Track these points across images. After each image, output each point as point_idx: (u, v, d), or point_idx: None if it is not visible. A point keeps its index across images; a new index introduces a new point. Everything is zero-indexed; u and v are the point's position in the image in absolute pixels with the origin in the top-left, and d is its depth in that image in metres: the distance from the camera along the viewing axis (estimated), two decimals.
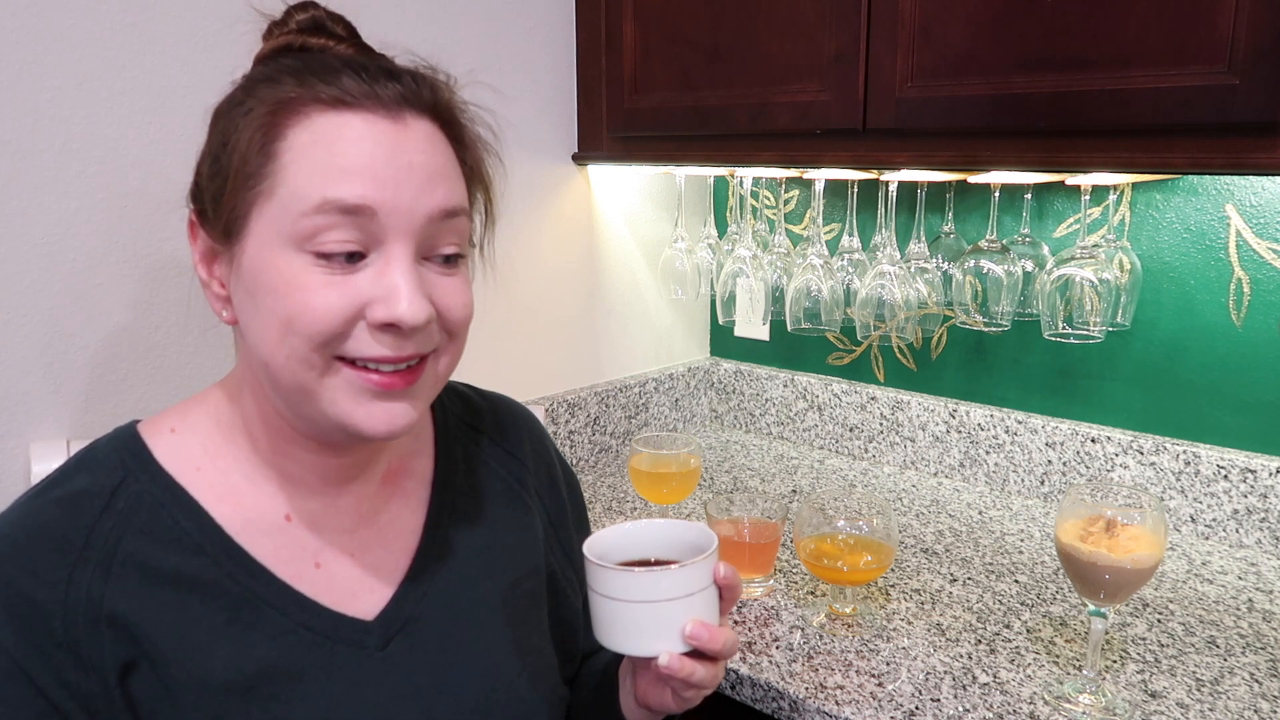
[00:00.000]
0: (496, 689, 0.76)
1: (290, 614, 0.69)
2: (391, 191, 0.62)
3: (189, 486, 0.69)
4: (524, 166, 1.55)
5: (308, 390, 0.64)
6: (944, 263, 1.50)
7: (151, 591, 0.65)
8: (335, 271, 0.62)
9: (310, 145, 0.61)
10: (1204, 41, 0.98)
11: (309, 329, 0.62)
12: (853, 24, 1.24)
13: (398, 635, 0.72)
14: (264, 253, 0.62)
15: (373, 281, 0.62)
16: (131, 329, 1.11)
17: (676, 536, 0.77)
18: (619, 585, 0.70)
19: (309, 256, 0.62)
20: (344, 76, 0.63)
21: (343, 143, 0.62)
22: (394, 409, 0.65)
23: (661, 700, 0.76)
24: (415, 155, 0.63)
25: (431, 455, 0.81)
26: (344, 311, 0.62)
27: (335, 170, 0.61)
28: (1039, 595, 1.21)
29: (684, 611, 0.70)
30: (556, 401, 1.63)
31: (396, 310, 0.62)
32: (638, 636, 0.70)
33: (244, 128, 0.63)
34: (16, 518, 0.65)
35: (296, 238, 0.61)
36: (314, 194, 0.61)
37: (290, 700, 0.67)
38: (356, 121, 0.62)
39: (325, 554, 0.72)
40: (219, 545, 0.68)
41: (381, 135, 0.62)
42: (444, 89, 0.68)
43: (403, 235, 0.63)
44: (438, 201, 0.64)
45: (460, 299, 0.67)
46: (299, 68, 0.64)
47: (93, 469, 0.68)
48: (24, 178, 1.02)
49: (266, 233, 0.62)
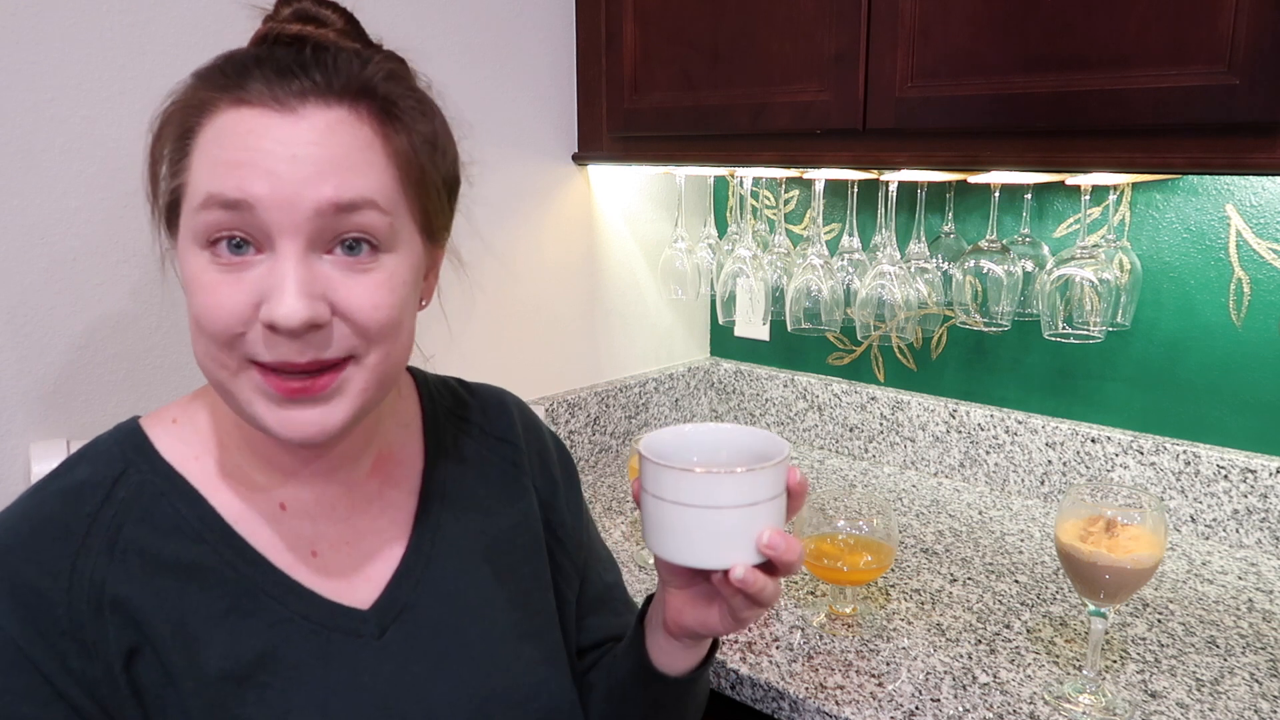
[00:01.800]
0: (495, 674, 0.75)
1: (287, 603, 0.69)
2: (271, 185, 0.59)
3: (189, 476, 0.69)
4: (524, 166, 1.55)
5: (225, 390, 0.64)
6: (944, 263, 1.50)
7: (152, 579, 0.65)
8: (229, 269, 0.61)
9: (208, 143, 0.61)
10: (1204, 41, 0.98)
11: (209, 327, 0.61)
12: (853, 24, 1.24)
13: (394, 623, 0.72)
14: (182, 253, 0.63)
15: (263, 279, 0.60)
16: (132, 328, 1.11)
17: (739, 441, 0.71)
18: (692, 488, 0.63)
19: (207, 254, 0.61)
20: (252, 74, 0.61)
21: (232, 138, 0.60)
22: (307, 416, 0.63)
23: (705, 621, 0.71)
24: (303, 147, 0.60)
25: (420, 442, 0.81)
26: (236, 309, 0.60)
27: (221, 165, 0.60)
28: (1039, 595, 1.21)
29: (762, 518, 0.64)
30: (556, 401, 1.63)
31: (275, 311, 0.59)
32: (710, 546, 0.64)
33: (169, 125, 0.64)
34: (20, 510, 0.66)
35: (195, 235, 0.61)
36: (202, 189, 0.61)
37: (287, 689, 0.67)
38: (250, 117, 0.60)
39: (321, 543, 0.72)
40: (218, 533, 0.68)
41: (270, 128, 0.60)
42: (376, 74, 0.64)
43: (290, 230, 0.60)
44: (326, 194, 0.60)
45: (369, 299, 0.62)
46: (221, 66, 0.63)
47: (94, 460, 0.68)
48: (24, 177, 1.02)
49: (183, 232, 0.63)
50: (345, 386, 0.64)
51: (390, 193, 0.64)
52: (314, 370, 0.62)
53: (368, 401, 0.66)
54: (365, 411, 0.66)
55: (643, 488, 0.67)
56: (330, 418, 0.63)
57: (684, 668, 0.78)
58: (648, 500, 0.66)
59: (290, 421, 0.62)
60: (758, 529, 0.64)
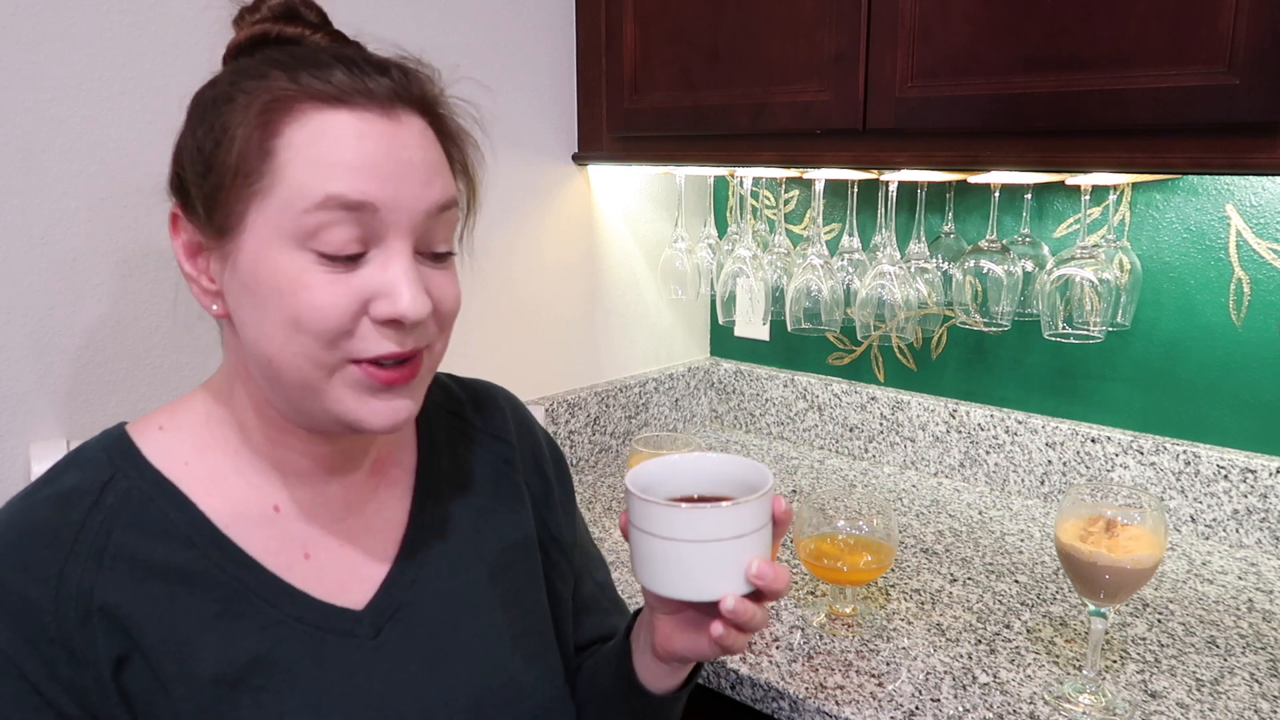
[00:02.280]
0: (490, 672, 0.75)
1: (279, 605, 0.69)
2: (393, 188, 0.63)
3: (178, 481, 0.69)
4: (524, 166, 1.55)
5: (313, 387, 0.64)
6: (944, 263, 1.50)
7: (142, 584, 0.65)
8: (338, 269, 0.62)
9: (309, 142, 0.62)
10: (1204, 41, 0.98)
11: (317, 327, 0.62)
12: (853, 24, 1.24)
13: (389, 623, 0.72)
14: (265, 251, 0.62)
15: (374, 277, 0.63)
16: (132, 329, 1.11)
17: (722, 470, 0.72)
18: (681, 524, 0.64)
19: (311, 254, 0.62)
20: (336, 71, 0.63)
21: (342, 139, 0.62)
22: (396, 404, 0.66)
23: (693, 647, 0.72)
24: (413, 151, 0.64)
25: (414, 442, 0.81)
26: (349, 308, 0.62)
27: (337, 167, 0.61)
28: (1039, 595, 1.21)
29: (749, 550, 0.65)
30: (556, 401, 1.63)
31: (400, 305, 0.63)
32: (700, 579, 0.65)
33: (238, 124, 0.62)
34: (8, 518, 0.66)
35: (298, 235, 0.62)
36: (316, 190, 0.61)
37: (281, 691, 0.67)
38: (352, 118, 0.62)
39: (314, 545, 0.72)
40: (208, 537, 0.68)
41: (379, 131, 0.63)
42: (430, 83, 0.68)
43: (403, 231, 0.64)
44: (435, 196, 0.65)
45: (451, 291, 0.69)
46: (288, 62, 0.64)
47: (82, 467, 0.68)
48: (24, 177, 1.02)
49: (266, 230, 0.62)
50: (423, 374, 0.68)
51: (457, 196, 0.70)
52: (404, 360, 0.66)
53: (426, 389, 0.71)
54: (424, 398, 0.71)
55: (630, 523, 0.68)
56: (412, 405, 0.68)
57: (669, 686, 0.79)
58: (636, 535, 0.68)
59: (382, 410, 0.65)
60: (746, 560, 0.66)
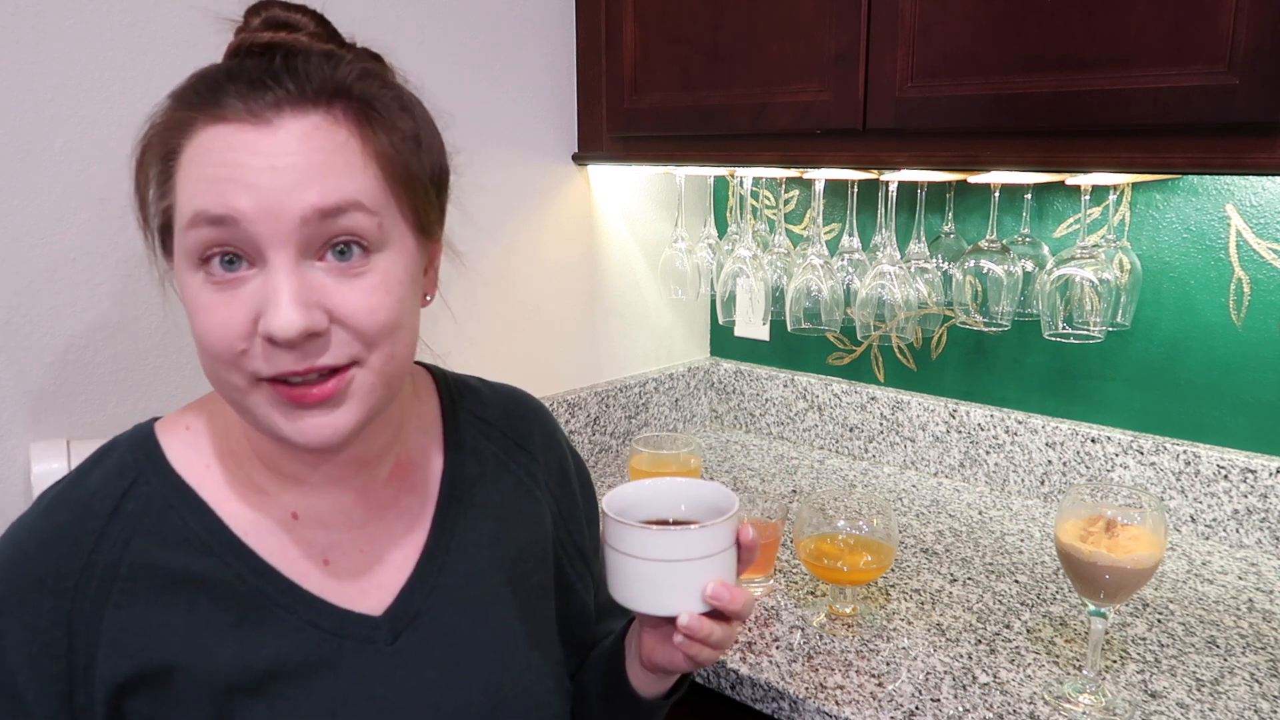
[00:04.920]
0: (506, 681, 0.76)
1: (298, 612, 0.69)
2: (253, 198, 0.59)
3: (200, 486, 0.69)
4: (524, 166, 1.55)
5: (240, 405, 0.64)
6: (944, 263, 1.50)
7: (160, 594, 0.66)
8: (224, 287, 0.61)
9: (189, 163, 0.61)
10: (1204, 41, 0.98)
11: (213, 348, 0.61)
12: (853, 24, 1.24)
13: (406, 630, 0.72)
14: (179, 274, 0.64)
15: (257, 294, 0.60)
16: (132, 329, 1.11)
17: (696, 495, 0.77)
18: (641, 543, 0.69)
19: (201, 274, 0.61)
20: (225, 89, 0.61)
21: (211, 154, 0.60)
22: (322, 422, 0.63)
23: (671, 659, 0.75)
24: (283, 158, 0.60)
25: (440, 449, 0.81)
26: (235, 327, 0.60)
27: (203, 183, 0.60)
28: (1039, 595, 1.21)
29: (706, 571, 0.69)
30: (556, 401, 1.63)
31: (271, 323, 0.59)
32: (658, 595, 0.70)
33: (149, 149, 0.64)
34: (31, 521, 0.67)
35: (188, 255, 0.61)
36: (187, 208, 0.61)
37: (298, 697, 0.67)
38: (227, 132, 0.60)
39: (333, 551, 0.72)
40: (227, 545, 0.68)
41: (247, 143, 0.60)
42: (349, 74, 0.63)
43: (278, 241, 0.60)
44: (310, 200, 0.60)
45: (365, 303, 0.62)
46: (196, 84, 0.63)
47: (106, 469, 0.69)
48: (24, 177, 1.02)
49: (177, 254, 0.63)
50: (352, 390, 0.63)
51: (375, 193, 0.63)
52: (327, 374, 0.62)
53: (376, 403, 0.66)
54: (375, 413, 0.66)
55: (604, 540, 0.72)
56: (341, 421, 0.63)
57: (656, 692, 0.82)
58: (607, 551, 0.72)
59: (305, 429, 0.62)
60: (703, 581, 0.69)
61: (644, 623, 0.78)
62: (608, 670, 0.83)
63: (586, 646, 0.88)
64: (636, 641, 0.80)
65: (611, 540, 0.71)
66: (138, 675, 0.64)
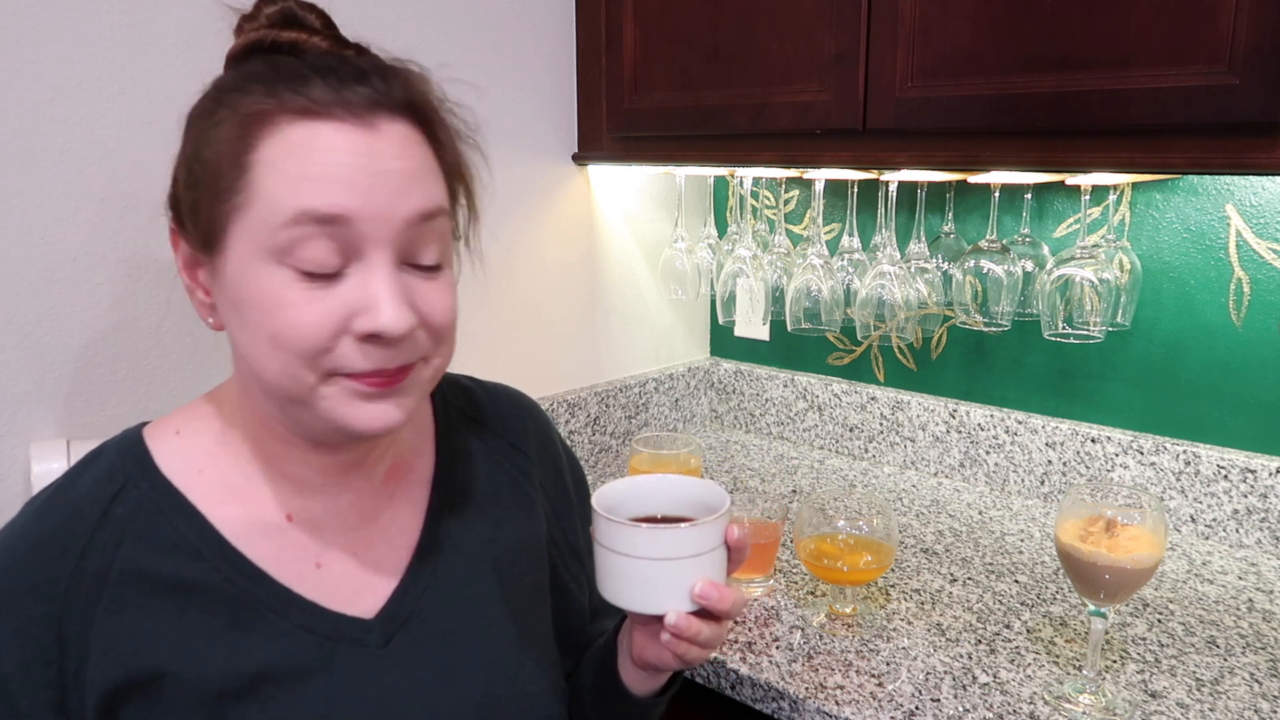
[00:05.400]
0: (500, 682, 0.76)
1: (289, 616, 0.69)
2: (365, 199, 0.61)
3: (189, 490, 0.69)
4: (524, 166, 1.55)
5: (301, 399, 0.64)
6: (944, 263, 1.50)
7: (150, 599, 0.65)
8: (317, 285, 0.61)
9: (282, 158, 0.61)
10: (1204, 41, 0.98)
11: (297, 345, 0.61)
12: (853, 24, 1.24)
13: (399, 631, 0.72)
14: (245, 267, 0.62)
15: (355, 292, 0.62)
16: (132, 329, 1.11)
17: (687, 493, 0.76)
18: (629, 541, 0.68)
19: (290, 270, 0.61)
20: (313, 84, 0.61)
21: (314, 152, 0.60)
22: (385, 408, 0.65)
23: (661, 658, 0.75)
24: (390, 161, 0.62)
25: (432, 450, 0.81)
26: (329, 326, 0.61)
27: (309, 181, 0.60)
28: (1039, 595, 1.21)
29: (694, 571, 0.69)
30: (556, 401, 1.63)
31: (379, 321, 0.61)
32: (645, 594, 0.69)
33: (215, 140, 0.62)
34: (20, 527, 0.67)
35: (275, 251, 0.61)
36: (289, 206, 0.60)
37: (290, 701, 0.67)
38: (327, 130, 0.61)
39: (327, 554, 0.72)
40: (217, 550, 0.68)
41: (353, 142, 0.61)
42: (417, 85, 0.66)
43: (381, 243, 0.62)
44: (414, 205, 0.63)
45: (443, 304, 0.66)
46: (268, 75, 0.63)
47: (95, 474, 0.68)
48: (24, 177, 1.02)
49: (245, 246, 0.62)
50: (412, 383, 0.67)
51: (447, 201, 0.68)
52: None
53: (423, 397, 0.70)
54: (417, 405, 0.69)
55: (594, 537, 0.72)
56: (399, 411, 0.66)
57: (648, 690, 0.81)
58: (596, 548, 0.72)
59: (370, 414, 0.64)
60: (691, 579, 0.69)
61: (634, 620, 0.78)
62: (600, 669, 0.83)
63: (582, 647, 0.88)
64: (628, 639, 0.80)
65: (600, 537, 0.71)
66: (129, 681, 0.64)
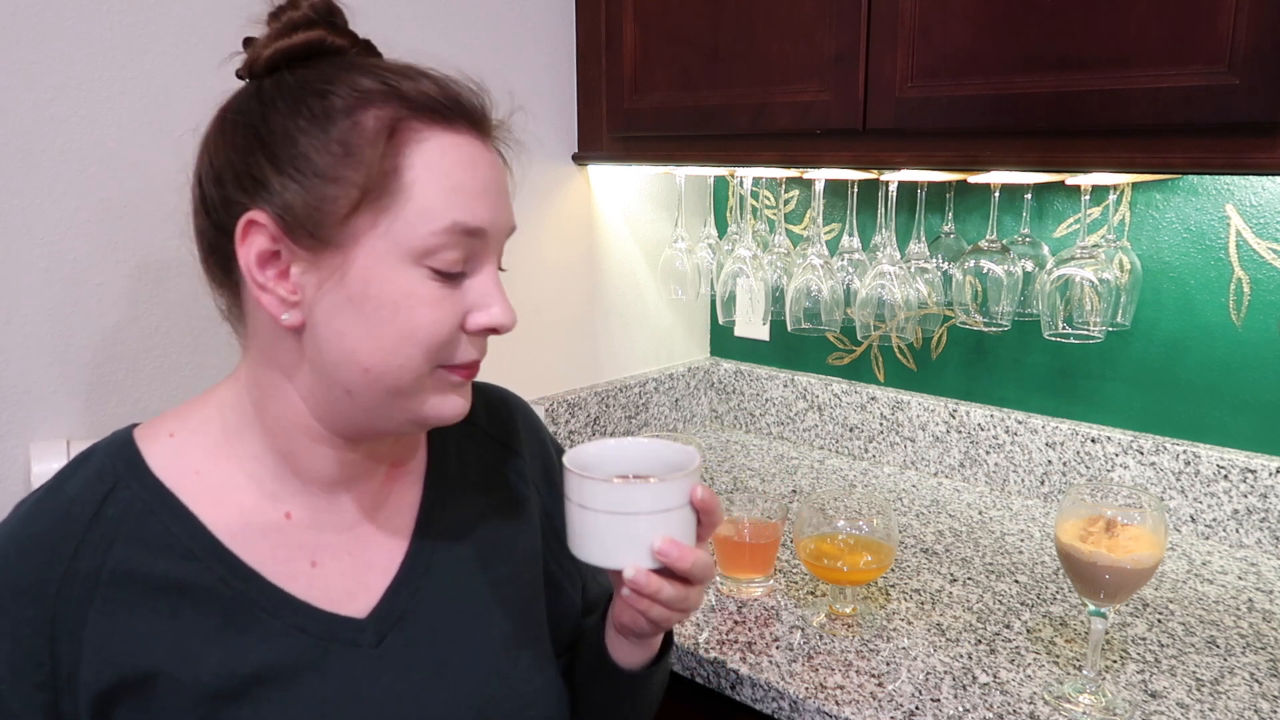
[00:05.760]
0: (492, 681, 0.76)
1: (283, 616, 0.69)
2: (495, 214, 0.69)
3: (183, 491, 0.69)
4: (524, 166, 1.55)
5: (406, 392, 0.67)
6: (944, 263, 1.50)
7: (142, 600, 0.65)
8: (448, 285, 0.67)
9: (432, 164, 0.65)
10: (1204, 41, 0.98)
11: (429, 340, 0.66)
12: (853, 24, 1.24)
13: (392, 631, 0.72)
14: (379, 265, 0.64)
15: (472, 291, 0.68)
16: (132, 328, 1.11)
17: (660, 455, 0.77)
18: (592, 494, 0.70)
19: (424, 270, 0.65)
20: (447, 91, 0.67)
21: (459, 164, 0.66)
22: (466, 394, 0.71)
23: (633, 619, 0.75)
24: (504, 178, 0.71)
25: (425, 450, 0.81)
26: (455, 321, 0.67)
27: (460, 193, 0.66)
28: (1039, 595, 1.21)
29: (656, 527, 0.69)
30: (556, 401, 1.63)
31: (497, 317, 0.69)
32: (604, 548, 0.71)
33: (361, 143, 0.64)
34: (10, 529, 0.66)
35: (417, 253, 0.65)
36: (444, 216, 0.65)
37: (283, 701, 0.67)
38: (463, 141, 0.67)
39: (322, 553, 0.72)
40: (210, 550, 0.68)
41: (487, 158, 0.69)
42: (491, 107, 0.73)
43: (494, 250, 0.70)
44: (511, 219, 0.73)
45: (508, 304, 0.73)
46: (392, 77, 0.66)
47: (85, 475, 0.68)
48: (24, 177, 1.02)
49: (383, 246, 0.64)
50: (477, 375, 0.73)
51: None
52: None
53: None
54: None
55: (564, 494, 0.73)
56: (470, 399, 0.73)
57: (636, 663, 0.81)
58: (565, 504, 0.73)
59: (455, 403, 0.70)
60: (652, 535, 0.69)
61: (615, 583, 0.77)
62: (591, 644, 0.83)
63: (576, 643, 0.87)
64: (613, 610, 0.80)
65: (568, 491, 0.72)
66: (122, 683, 0.64)
